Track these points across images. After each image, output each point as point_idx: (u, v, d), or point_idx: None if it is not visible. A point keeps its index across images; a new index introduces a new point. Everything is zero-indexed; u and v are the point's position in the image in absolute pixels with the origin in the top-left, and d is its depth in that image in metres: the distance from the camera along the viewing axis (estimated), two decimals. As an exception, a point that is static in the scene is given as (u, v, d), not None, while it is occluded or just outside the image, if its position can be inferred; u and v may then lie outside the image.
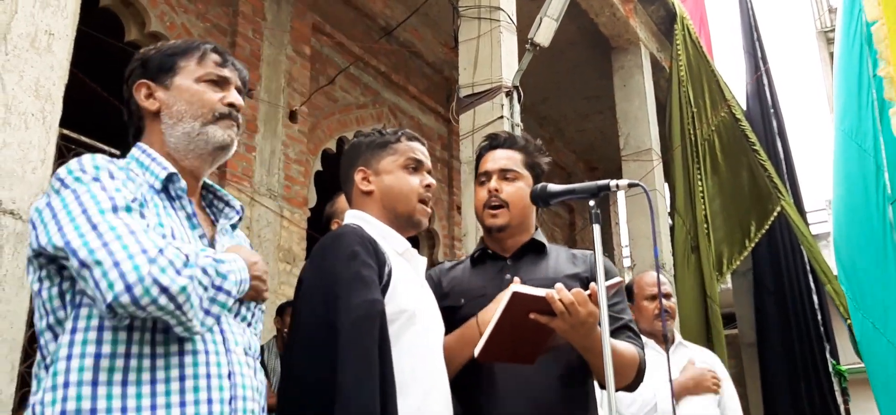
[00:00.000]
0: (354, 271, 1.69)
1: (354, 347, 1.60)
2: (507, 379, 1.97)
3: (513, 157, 2.20)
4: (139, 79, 1.58)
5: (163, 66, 1.58)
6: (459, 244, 7.70)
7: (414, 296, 1.86)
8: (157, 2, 5.57)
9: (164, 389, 1.33)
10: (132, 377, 1.31)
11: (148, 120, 1.58)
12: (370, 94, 7.55)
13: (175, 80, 1.57)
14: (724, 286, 9.73)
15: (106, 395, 1.29)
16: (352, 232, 1.80)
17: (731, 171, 7.43)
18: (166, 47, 1.63)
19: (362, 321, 1.63)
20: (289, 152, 6.28)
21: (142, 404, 1.31)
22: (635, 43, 7.95)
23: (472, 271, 2.19)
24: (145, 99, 1.57)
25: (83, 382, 1.29)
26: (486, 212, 2.16)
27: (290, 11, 6.56)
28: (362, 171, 1.99)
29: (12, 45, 2.49)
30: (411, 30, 7.67)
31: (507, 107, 5.01)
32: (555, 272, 2.07)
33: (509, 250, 2.18)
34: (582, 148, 10.86)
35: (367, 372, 1.58)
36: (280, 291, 5.72)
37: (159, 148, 1.56)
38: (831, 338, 7.80)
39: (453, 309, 2.08)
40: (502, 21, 5.25)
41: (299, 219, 6.26)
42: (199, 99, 1.56)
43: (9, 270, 2.37)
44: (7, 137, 2.42)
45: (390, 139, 2.02)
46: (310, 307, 1.73)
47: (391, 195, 1.96)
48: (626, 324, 2.11)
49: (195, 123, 1.55)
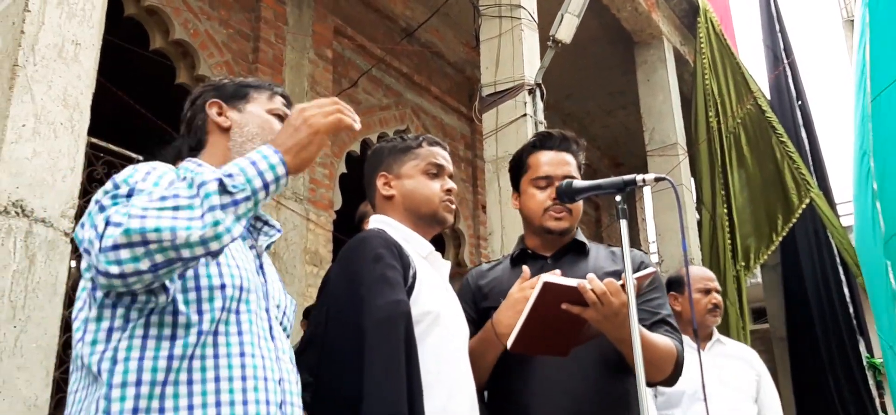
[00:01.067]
0: (379, 273, 1.70)
1: (380, 347, 1.61)
2: (548, 374, 1.96)
3: (570, 161, 2.19)
4: (212, 98, 1.68)
5: (237, 93, 1.70)
6: (485, 243, 7.70)
7: (438, 298, 1.87)
8: (180, 10, 5.63)
9: (227, 387, 1.39)
10: (197, 376, 1.37)
11: (214, 134, 1.66)
12: (393, 95, 7.57)
13: (248, 107, 1.68)
14: (754, 280, 9.64)
15: (173, 394, 1.34)
16: (376, 235, 1.81)
17: (757, 163, 7.36)
18: (240, 80, 1.75)
19: (387, 322, 1.64)
20: (313, 156, 6.30)
21: (207, 401, 1.36)
22: (658, 37, 7.89)
23: (511, 272, 2.17)
24: (217, 115, 1.66)
25: (155, 382, 1.34)
26: (548, 215, 2.14)
27: (311, 15, 6.59)
28: (384, 176, 2.02)
29: (40, 55, 2.53)
30: (432, 30, 7.68)
31: (530, 105, 5.00)
32: (595, 270, 2.04)
33: (551, 250, 2.17)
34: (607, 144, 10.80)
35: (393, 372, 1.59)
36: (307, 294, 5.75)
37: (218, 163, 1.56)
38: (865, 331, 7.69)
39: (491, 310, 2.07)
40: (523, 19, 5.24)
41: (325, 222, 6.29)
42: (269, 127, 1.66)
43: (42, 277, 2.41)
44: (37, 146, 2.46)
45: (411, 144, 2.04)
46: (336, 311, 1.74)
47: (412, 199, 1.98)
48: (664, 318, 2.08)
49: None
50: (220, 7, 5.94)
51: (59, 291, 2.44)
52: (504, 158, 4.95)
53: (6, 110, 2.41)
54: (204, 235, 1.25)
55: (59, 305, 2.44)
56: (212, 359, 1.39)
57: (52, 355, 2.40)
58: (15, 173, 2.38)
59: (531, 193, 2.19)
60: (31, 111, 2.46)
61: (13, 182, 2.37)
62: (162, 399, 1.33)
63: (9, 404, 2.25)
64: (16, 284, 2.34)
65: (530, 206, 2.19)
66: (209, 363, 1.39)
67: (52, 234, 2.43)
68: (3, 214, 2.33)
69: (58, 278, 2.45)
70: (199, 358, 1.38)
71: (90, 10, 2.73)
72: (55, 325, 2.42)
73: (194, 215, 1.26)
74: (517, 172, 2.27)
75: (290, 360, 1.57)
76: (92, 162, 4.59)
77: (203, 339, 1.39)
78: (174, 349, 1.36)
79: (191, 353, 1.37)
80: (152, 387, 1.33)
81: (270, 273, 1.64)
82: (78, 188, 2.59)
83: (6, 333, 2.29)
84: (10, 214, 2.35)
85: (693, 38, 7.97)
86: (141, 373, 1.34)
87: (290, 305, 1.68)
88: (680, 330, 2.15)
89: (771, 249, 7.25)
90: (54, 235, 2.44)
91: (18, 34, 2.50)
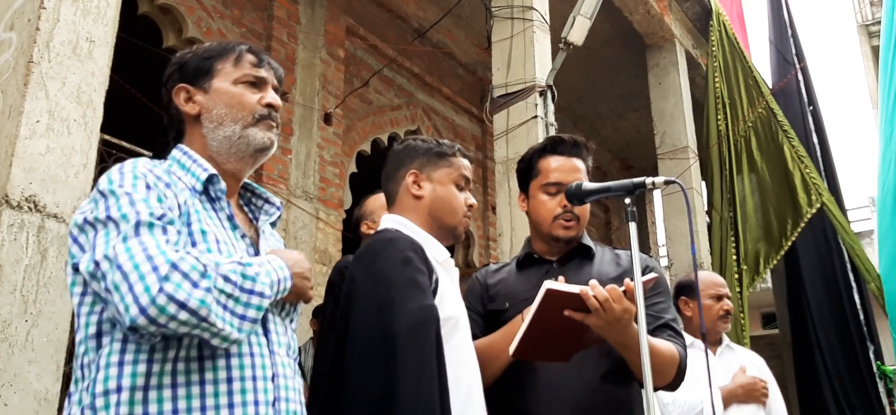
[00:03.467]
0: (409, 277, 1.69)
1: (414, 352, 1.60)
2: (551, 381, 1.96)
3: (581, 167, 2.18)
4: (177, 83, 1.59)
5: (200, 69, 1.59)
6: (495, 245, 7.69)
7: (457, 304, 1.88)
8: (193, 8, 5.66)
9: (212, 390, 1.35)
10: (181, 380, 1.33)
11: (188, 124, 1.59)
12: (404, 95, 7.58)
13: (213, 84, 1.58)
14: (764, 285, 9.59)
15: (156, 399, 1.31)
16: (403, 238, 1.80)
17: (768, 168, 7.32)
18: (202, 50, 1.63)
19: (420, 327, 1.63)
20: (324, 155, 6.33)
21: (192, 406, 1.33)
22: (670, 40, 7.87)
23: (517, 275, 2.18)
24: (185, 103, 1.58)
25: (136, 386, 1.31)
26: (557, 223, 2.14)
27: (324, 15, 6.61)
28: (415, 174, 1.99)
29: (55, 52, 2.54)
30: (444, 31, 7.68)
31: (541, 106, 5.00)
32: (598, 275, 2.04)
33: (557, 254, 2.17)
34: (617, 147, 10.78)
35: (428, 377, 1.59)
36: (317, 293, 5.77)
37: (201, 151, 1.57)
38: (875, 338, 7.63)
39: (498, 312, 2.08)
40: (535, 20, 5.23)
41: (335, 221, 6.30)
42: (238, 102, 1.57)
43: (53, 272, 2.42)
44: (50, 142, 2.47)
45: (447, 151, 2.02)
46: (363, 313, 1.71)
47: (441, 206, 1.97)
48: (667, 323, 2.07)
49: (236, 127, 1.56)
50: (233, 6, 5.96)
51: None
52: (514, 160, 4.94)
53: (20, 106, 2.43)
54: (239, 338, 1.34)
55: (70, 300, 2.45)
56: (196, 362, 1.35)
57: (62, 349, 2.42)
58: (28, 169, 2.40)
59: (541, 199, 2.18)
60: (45, 107, 2.48)
61: (26, 177, 2.39)
62: (145, 405, 1.30)
63: (20, 398, 2.27)
64: (28, 278, 2.36)
65: (540, 212, 2.18)
66: (194, 366, 1.35)
67: (64, 229, 2.44)
68: (16, 208, 2.35)
69: (69, 273, 2.46)
70: (184, 361, 1.34)
71: (105, 7, 2.75)
72: (66, 319, 2.43)
73: (247, 315, 1.35)
74: (526, 174, 2.25)
75: (286, 352, 1.53)
76: (104, 159, 4.61)
77: (187, 340, 1.35)
78: (155, 353, 1.33)
79: (174, 355, 1.34)
80: (133, 392, 1.30)
81: None
82: (90, 184, 2.60)
83: (18, 327, 2.30)
84: (22, 208, 2.37)
85: (705, 41, 7.94)
86: (121, 379, 1.31)
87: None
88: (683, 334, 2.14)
89: (780, 254, 7.21)
90: (66, 230, 2.45)
91: (34, 31, 2.52)
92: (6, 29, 2.64)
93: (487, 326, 2.10)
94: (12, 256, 2.33)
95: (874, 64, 12.89)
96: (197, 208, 1.48)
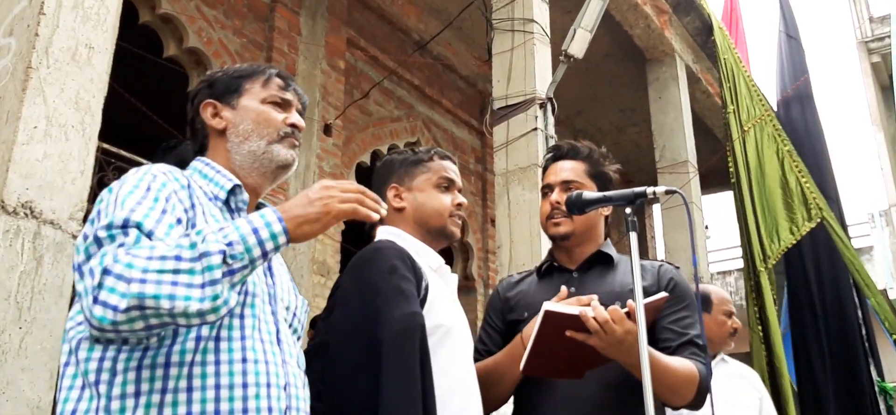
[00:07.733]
0: (395, 285, 1.70)
1: (398, 359, 1.60)
2: (563, 393, 1.94)
3: (575, 167, 2.19)
4: (206, 99, 1.64)
5: (229, 87, 1.64)
6: (494, 257, 7.67)
7: (449, 311, 1.87)
8: (194, 18, 5.66)
9: (227, 395, 1.36)
10: (197, 383, 1.34)
11: (213, 138, 1.63)
12: (404, 107, 7.57)
13: (241, 101, 1.63)
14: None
15: (172, 403, 1.32)
16: (390, 247, 1.81)
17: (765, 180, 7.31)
18: (232, 70, 1.69)
19: (404, 334, 1.64)
20: (323, 166, 6.32)
21: (206, 410, 1.33)
22: (670, 54, 7.88)
23: (538, 285, 2.16)
24: (212, 118, 1.63)
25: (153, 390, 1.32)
26: (549, 222, 2.15)
27: (324, 26, 6.62)
28: (395, 188, 2.01)
29: (54, 58, 2.53)
30: (445, 43, 7.69)
31: (541, 119, 4.99)
32: (621, 286, 2.02)
33: (576, 262, 2.15)
34: (617, 160, 10.54)
35: (409, 385, 1.59)
36: (315, 304, 5.74)
37: (224, 164, 1.60)
38: (875, 354, 7.59)
39: (517, 322, 2.06)
40: (536, 33, 5.23)
41: (333, 232, 6.28)
42: (264, 119, 1.62)
43: (48, 279, 2.40)
44: (48, 148, 2.46)
45: (423, 157, 2.04)
46: (349, 321, 1.72)
47: (423, 212, 1.98)
48: (691, 339, 1.99)
49: (261, 142, 1.60)
50: (234, 16, 5.97)
51: (65, 293, 2.44)
52: (514, 172, 4.95)
53: (18, 112, 2.42)
54: (202, 307, 1.24)
55: (66, 308, 2.43)
56: (213, 365, 1.36)
57: (56, 357, 2.39)
58: (25, 174, 2.39)
59: (541, 204, 2.22)
60: (43, 113, 2.47)
61: (23, 183, 2.38)
62: (161, 408, 1.31)
63: (12, 406, 2.24)
64: (22, 285, 2.34)
65: (540, 216, 2.22)
66: (210, 370, 1.36)
67: (60, 236, 2.43)
68: (12, 214, 2.34)
69: (65, 281, 2.44)
70: (200, 364, 1.35)
71: (104, 14, 2.74)
72: (61, 327, 2.41)
73: (194, 283, 1.24)
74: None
75: (298, 364, 1.55)
76: (103, 167, 4.60)
77: (203, 345, 1.36)
78: (172, 356, 1.34)
79: (190, 359, 1.35)
80: (150, 396, 1.31)
81: (280, 274, 1.62)
82: (87, 191, 2.59)
83: (11, 334, 2.28)
84: (18, 215, 2.35)
85: (705, 56, 7.96)
86: (139, 383, 1.31)
87: (302, 306, 1.66)
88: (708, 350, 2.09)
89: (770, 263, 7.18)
90: (62, 237, 2.44)
91: (33, 36, 2.51)
92: (5, 34, 2.63)
93: (507, 336, 2.08)
94: (7, 262, 2.32)
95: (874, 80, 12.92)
96: (215, 216, 1.50)
